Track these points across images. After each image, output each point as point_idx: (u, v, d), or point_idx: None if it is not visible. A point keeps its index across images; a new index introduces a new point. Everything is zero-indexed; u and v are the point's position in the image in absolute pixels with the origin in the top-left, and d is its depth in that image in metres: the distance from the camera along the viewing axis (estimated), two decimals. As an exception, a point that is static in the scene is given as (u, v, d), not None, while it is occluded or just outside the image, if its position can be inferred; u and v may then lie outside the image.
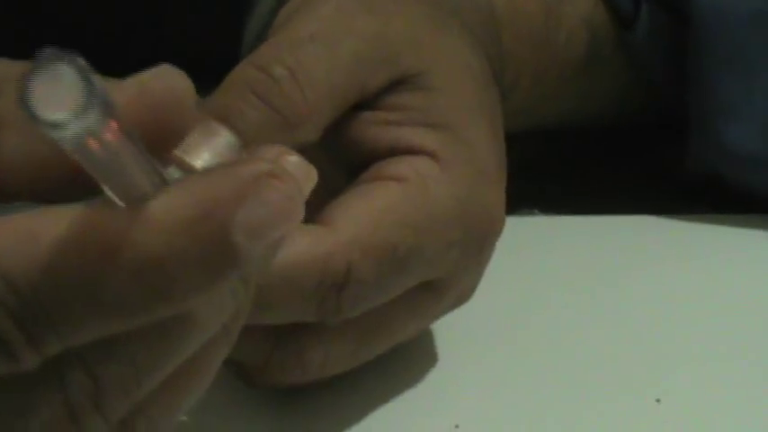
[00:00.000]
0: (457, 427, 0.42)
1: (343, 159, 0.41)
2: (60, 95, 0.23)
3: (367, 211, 0.39)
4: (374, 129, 0.41)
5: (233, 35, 0.60)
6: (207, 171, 0.29)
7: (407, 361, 0.43)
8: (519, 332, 0.47)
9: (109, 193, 0.27)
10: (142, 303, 0.27)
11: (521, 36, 0.52)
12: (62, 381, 0.28)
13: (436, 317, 0.43)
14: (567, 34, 0.54)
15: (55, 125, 0.23)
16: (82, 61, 0.23)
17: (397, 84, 0.41)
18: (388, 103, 0.41)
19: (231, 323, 0.31)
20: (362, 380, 0.42)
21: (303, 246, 0.37)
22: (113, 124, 0.25)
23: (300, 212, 0.28)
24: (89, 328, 0.27)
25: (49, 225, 0.27)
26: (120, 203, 0.27)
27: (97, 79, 0.23)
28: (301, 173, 0.31)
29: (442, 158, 0.40)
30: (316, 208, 0.40)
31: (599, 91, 0.57)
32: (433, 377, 0.45)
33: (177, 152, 0.35)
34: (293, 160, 0.31)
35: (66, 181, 0.29)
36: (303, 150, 0.38)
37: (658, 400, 0.44)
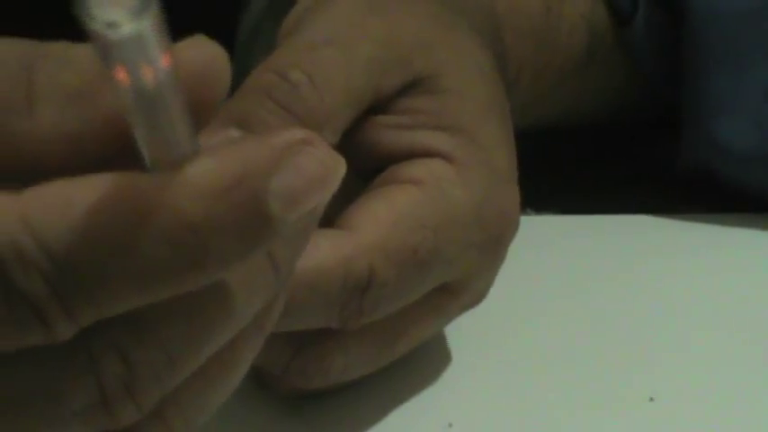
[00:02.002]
0: (450, 425, 0.42)
1: (357, 163, 0.41)
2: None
3: (387, 214, 0.39)
4: (389, 133, 0.41)
5: (227, 32, 0.60)
6: (241, 139, 0.29)
7: (401, 360, 0.43)
8: (512, 331, 0.47)
9: (144, 148, 0.27)
10: (177, 271, 0.27)
11: (522, 34, 0.52)
12: (96, 366, 0.28)
13: (453, 317, 0.43)
14: (567, 32, 0.54)
15: (110, 24, 0.23)
16: None
17: (410, 86, 0.41)
18: (401, 106, 0.41)
19: (264, 317, 0.31)
20: (356, 378, 0.42)
21: (324, 250, 0.37)
22: (167, 55, 0.25)
23: (336, 181, 0.28)
24: (123, 296, 0.27)
25: (83, 190, 0.27)
26: (153, 161, 0.27)
27: None
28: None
29: (456, 161, 0.40)
30: (332, 211, 0.40)
31: (597, 88, 0.57)
32: (427, 376, 0.45)
33: None
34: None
35: (100, 158, 0.29)
36: None
37: (652, 399, 0.44)
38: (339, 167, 0.29)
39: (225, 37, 0.65)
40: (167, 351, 0.29)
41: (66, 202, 0.27)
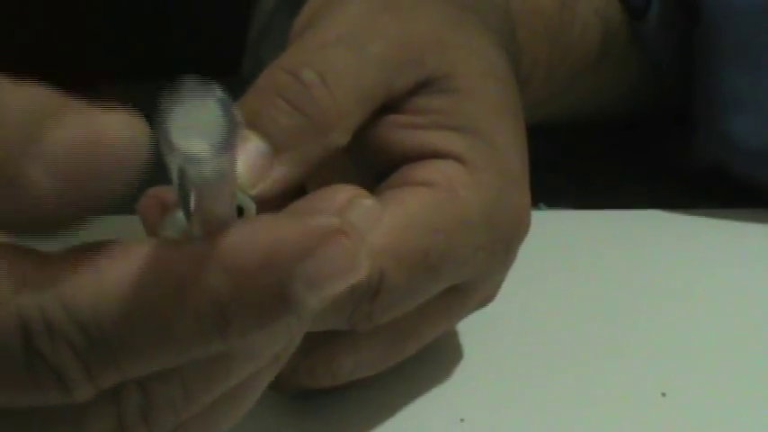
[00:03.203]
0: (462, 420, 0.43)
1: (368, 162, 0.41)
2: (200, 129, 0.23)
3: (398, 218, 0.39)
4: (401, 132, 0.41)
5: (237, 30, 0.60)
6: (278, 217, 0.29)
7: (413, 355, 0.43)
8: (524, 326, 0.47)
9: (185, 214, 0.28)
10: (200, 342, 0.28)
11: (536, 31, 0.51)
12: (117, 396, 0.29)
13: (462, 317, 0.43)
14: (580, 28, 0.54)
15: (193, 159, 0.23)
16: (223, 94, 0.23)
17: (423, 86, 0.41)
18: (414, 105, 0.41)
19: (282, 351, 0.32)
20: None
21: None
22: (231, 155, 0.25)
23: (362, 269, 0.28)
24: (147, 364, 0.28)
25: (116, 260, 0.27)
26: (194, 225, 0.28)
27: (237, 114, 0.23)
28: (373, 216, 0.31)
29: (469, 162, 0.40)
30: None
31: (611, 85, 0.57)
32: (439, 371, 0.45)
33: None
34: (368, 204, 0.31)
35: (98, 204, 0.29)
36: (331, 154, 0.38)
37: (664, 394, 0.44)
38: (364, 262, 0.29)
39: (237, 31, 0.65)
40: (186, 387, 0.29)
41: (97, 273, 0.27)
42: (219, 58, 0.57)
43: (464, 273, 0.40)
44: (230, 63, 0.58)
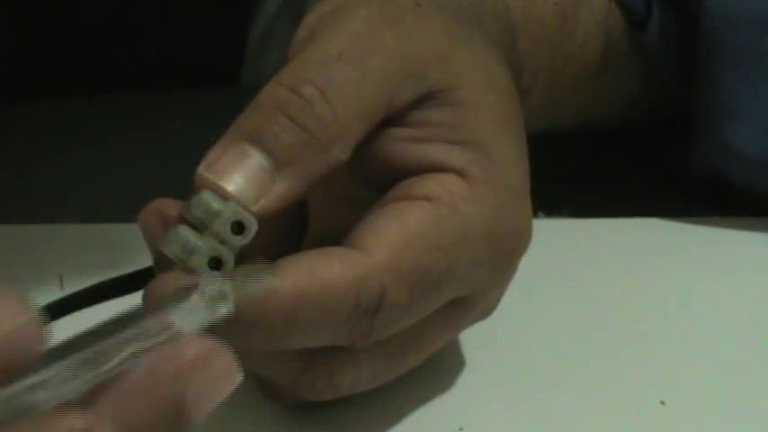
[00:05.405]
0: (461, 429, 0.43)
1: (370, 175, 0.41)
2: None
3: (399, 234, 0.39)
4: (402, 145, 0.41)
5: (238, 35, 0.60)
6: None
7: (412, 364, 0.43)
8: (523, 334, 0.47)
9: None
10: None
11: (537, 41, 0.51)
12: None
13: (463, 330, 0.43)
14: (582, 38, 0.54)
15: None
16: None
17: (424, 99, 0.41)
18: (415, 119, 0.41)
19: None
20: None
21: (336, 271, 0.37)
22: None
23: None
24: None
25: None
26: None
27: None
28: None
29: (470, 176, 0.40)
30: (342, 222, 0.40)
31: (613, 94, 0.57)
32: (438, 379, 0.45)
33: (209, 175, 0.36)
34: None
35: None
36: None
37: (663, 402, 0.44)
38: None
39: (236, 39, 0.65)
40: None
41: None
42: (219, 66, 0.57)
43: (465, 287, 0.40)
44: (230, 72, 0.58)
